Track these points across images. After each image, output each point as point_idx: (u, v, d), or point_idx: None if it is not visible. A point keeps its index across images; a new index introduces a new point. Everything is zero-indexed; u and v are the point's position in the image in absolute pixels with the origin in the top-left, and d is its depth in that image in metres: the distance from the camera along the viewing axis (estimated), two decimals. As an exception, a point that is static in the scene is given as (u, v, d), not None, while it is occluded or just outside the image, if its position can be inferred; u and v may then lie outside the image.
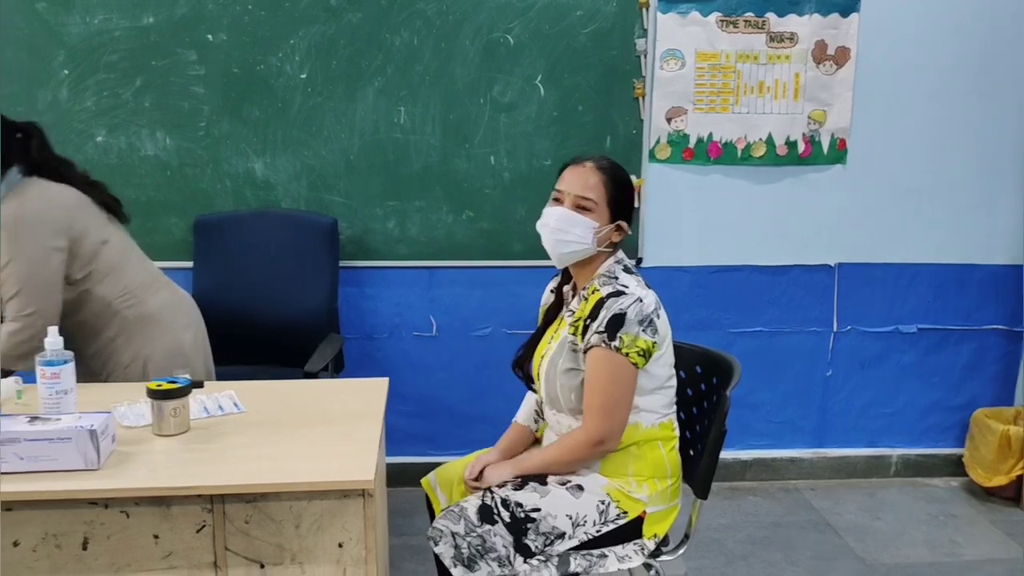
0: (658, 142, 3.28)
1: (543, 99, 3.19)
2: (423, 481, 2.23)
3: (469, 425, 3.39)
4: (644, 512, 2.00)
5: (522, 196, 3.25)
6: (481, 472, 2.10)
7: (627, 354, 1.90)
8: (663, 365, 2.01)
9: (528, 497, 1.95)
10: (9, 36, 3.01)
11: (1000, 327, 3.56)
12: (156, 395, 1.88)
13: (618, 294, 1.92)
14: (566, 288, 2.14)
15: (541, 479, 2.00)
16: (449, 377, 3.42)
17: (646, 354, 1.93)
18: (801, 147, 3.33)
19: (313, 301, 3.08)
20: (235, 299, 3.07)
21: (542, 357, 2.07)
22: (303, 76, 3.11)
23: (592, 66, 3.18)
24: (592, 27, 3.16)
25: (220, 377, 2.53)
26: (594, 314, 1.93)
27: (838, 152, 3.36)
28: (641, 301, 1.92)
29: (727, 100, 3.27)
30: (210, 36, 3.06)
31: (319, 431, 1.94)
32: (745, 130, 3.30)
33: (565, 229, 1.97)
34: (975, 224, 3.46)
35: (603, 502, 1.98)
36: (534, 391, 2.18)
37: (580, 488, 1.98)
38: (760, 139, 3.31)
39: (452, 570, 1.89)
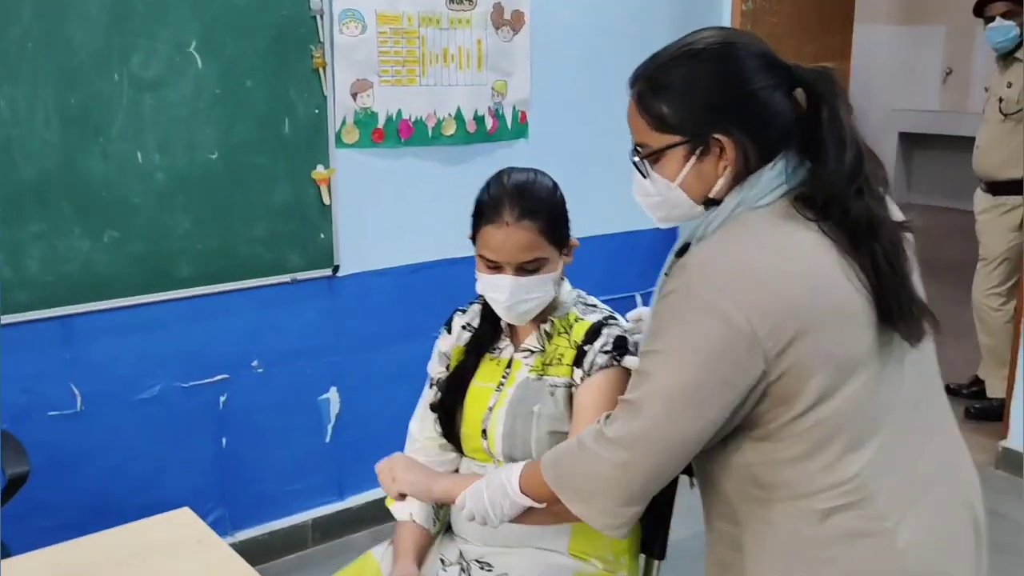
0: (344, 123, 2.70)
1: (200, 72, 2.42)
2: None
3: (155, 512, 2.49)
4: None
5: (185, 203, 2.44)
6: None
7: None
8: None
9: None
10: None
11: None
12: None
13: (613, 318, 1.66)
14: (504, 324, 1.66)
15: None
16: (110, 464, 2.47)
17: None
18: (489, 122, 3.01)
19: None
20: None
21: (489, 409, 1.54)
22: None
23: (260, 29, 2.49)
24: (254, -20, 2.47)
25: None
26: (590, 339, 1.60)
27: (520, 126, 3.11)
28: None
29: (413, 71, 2.82)
30: None
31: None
32: (434, 105, 2.88)
33: (523, 298, 1.57)
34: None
35: None
36: (460, 452, 1.64)
37: None
38: (449, 115, 2.92)
39: None
